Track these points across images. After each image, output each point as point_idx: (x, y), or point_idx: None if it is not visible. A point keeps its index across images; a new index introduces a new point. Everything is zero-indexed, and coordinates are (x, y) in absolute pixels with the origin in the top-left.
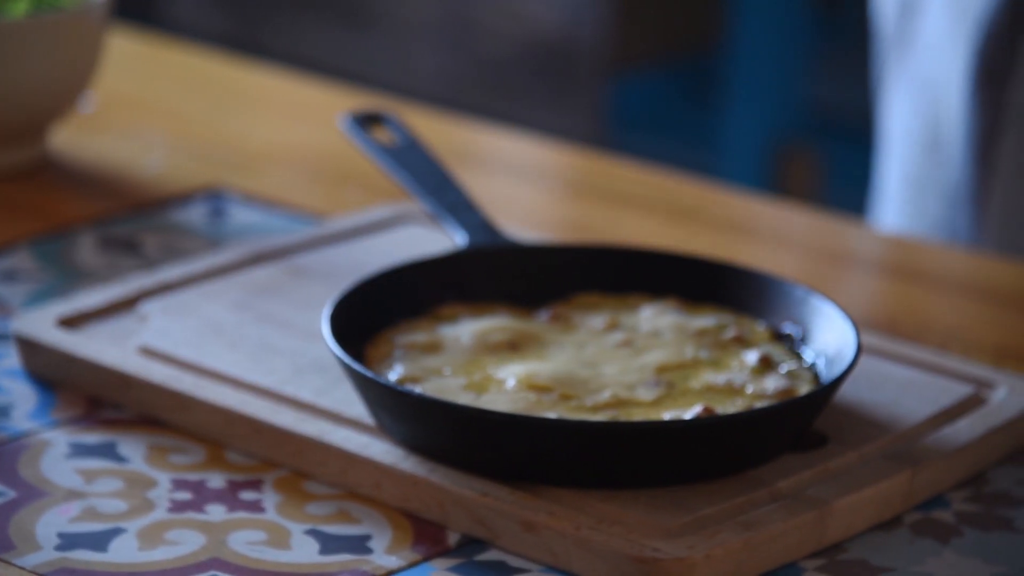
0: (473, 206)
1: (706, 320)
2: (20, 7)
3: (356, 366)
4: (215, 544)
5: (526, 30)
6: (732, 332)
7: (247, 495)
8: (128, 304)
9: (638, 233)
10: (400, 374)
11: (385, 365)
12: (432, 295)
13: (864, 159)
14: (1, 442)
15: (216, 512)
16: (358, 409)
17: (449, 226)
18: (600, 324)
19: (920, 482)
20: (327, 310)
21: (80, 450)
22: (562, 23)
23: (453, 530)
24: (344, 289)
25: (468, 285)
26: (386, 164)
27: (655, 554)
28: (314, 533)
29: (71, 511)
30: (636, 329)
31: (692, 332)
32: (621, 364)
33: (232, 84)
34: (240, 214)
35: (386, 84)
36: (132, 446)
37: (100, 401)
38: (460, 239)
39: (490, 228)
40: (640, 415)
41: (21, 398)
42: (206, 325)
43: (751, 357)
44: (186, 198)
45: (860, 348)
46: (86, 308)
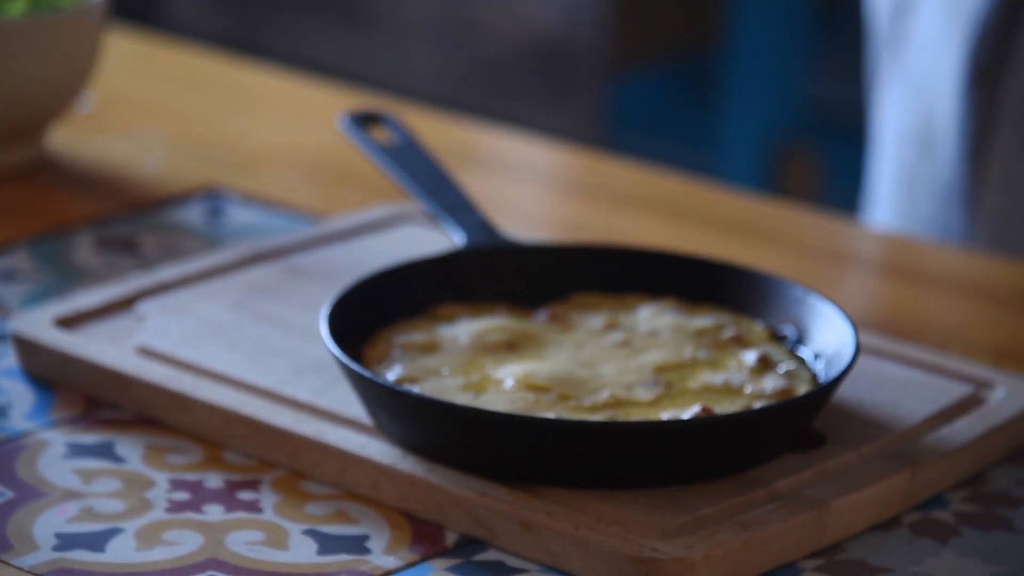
0: (471, 206)
1: (704, 320)
2: (18, 6)
3: (354, 366)
4: (213, 544)
5: (525, 30)
6: (731, 332)
7: (245, 495)
8: (126, 304)
9: (636, 233)
10: (398, 374)
11: (383, 365)
12: (430, 295)
13: (863, 159)
14: None
15: (214, 512)
16: (356, 409)
17: (447, 226)
18: (598, 324)
19: (919, 482)
20: (325, 310)
21: (78, 450)
22: (561, 23)
23: (451, 530)
24: (342, 289)
25: (466, 285)
26: (384, 164)
27: (654, 554)
28: (312, 533)
29: (69, 511)
30: (634, 329)
31: (690, 332)
32: (619, 364)
33: (231, 84)
34: (238, 214)
35: (385, 84)
36: (130, 446)
37: (98, 401)
38: (458, 239)
39: (488, 228)
40: (638, 415)
41: (19, 398)
42: (204, 325)
43: (750, 357)
44: (184, 198)
45: (859, 348)
46: (84, 308)
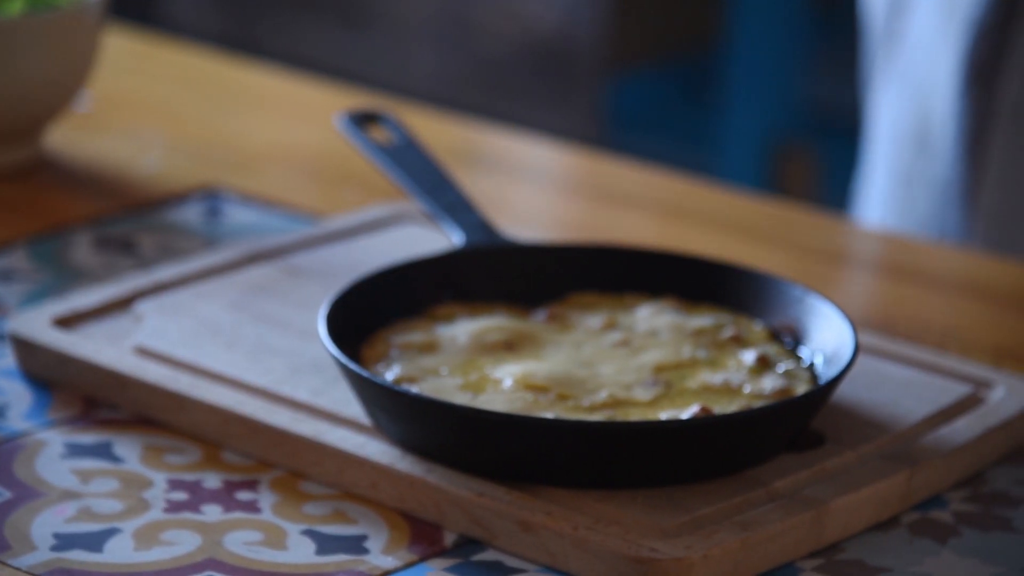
0: (470, 206)
1: (703, 320)
2: (16, 6)
3: (352, 366)
4: (211, 544)
5: (525, 30)
6: (729, 332)
7: (243, 495)
8: (124, 304)
9: (635, 232)
10: (397, 374)
11: (382, 365)
12: (429, 295)
13: (862, 159)
14: None
15: (212, 512)
16: (355, 409)
17: (446, 225)
18: (597, 324)
19: (918, 482)
20: (323, 310)
21: (76, 450)
22: (561, 23)
23: (450, 530)
24: (340, 289)
25: (465, 285)
26: (383, 163)
27: (652, 554)
28: (310, 533)
29: (67, 511)
30: (633, 329)
31: (689, 332)
32: (618, 364)
33: (229, 84)
34: (237, 214)
35: (384, 84)
36: (128, 446)
37: (96, 401)
38: (457, 239)
39: (487, 228)
40: (637, 415)
41: (17, 398)
42: (202, 325)
43: (748, 357)
44: (182, 197)
45: (858, 348)
46: (82, 308)
